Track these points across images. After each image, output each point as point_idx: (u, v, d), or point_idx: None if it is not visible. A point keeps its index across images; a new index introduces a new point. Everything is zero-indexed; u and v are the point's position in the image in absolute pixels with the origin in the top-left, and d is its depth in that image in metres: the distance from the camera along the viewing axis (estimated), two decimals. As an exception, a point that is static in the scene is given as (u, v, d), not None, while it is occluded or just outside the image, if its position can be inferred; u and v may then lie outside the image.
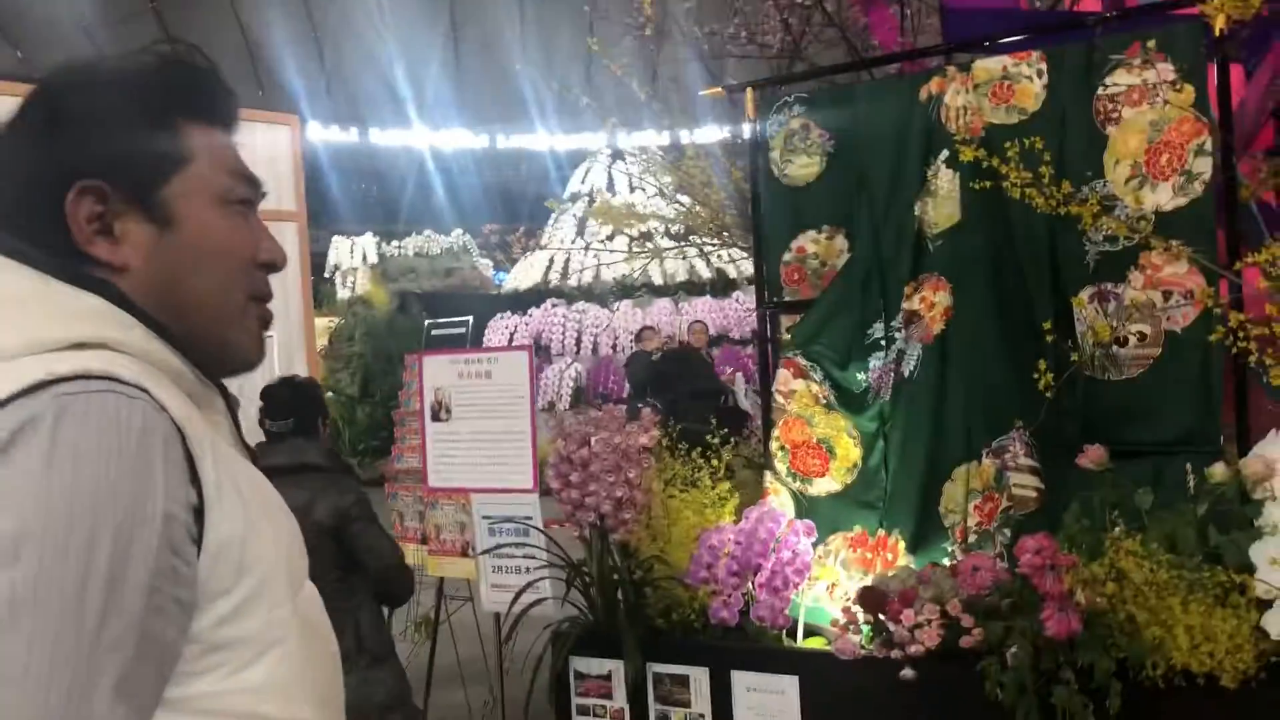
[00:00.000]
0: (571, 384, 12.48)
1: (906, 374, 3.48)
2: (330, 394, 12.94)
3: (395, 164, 28.94)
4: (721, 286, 13.85)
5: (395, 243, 19.88)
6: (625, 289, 14.10)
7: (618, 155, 15.08)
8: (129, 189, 1.02)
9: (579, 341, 13.17)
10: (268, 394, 3.61)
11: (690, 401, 8.71)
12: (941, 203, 3.44)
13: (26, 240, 0.99)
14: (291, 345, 8.52)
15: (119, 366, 0.93)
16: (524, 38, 24.58)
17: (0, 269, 0.98)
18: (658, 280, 14.04)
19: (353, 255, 19.28)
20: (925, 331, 3.44)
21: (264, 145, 8.23)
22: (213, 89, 1.12)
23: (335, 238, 20.11)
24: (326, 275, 18.96)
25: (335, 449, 4.09)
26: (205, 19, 23.05)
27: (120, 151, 1.03)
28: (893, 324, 3.54)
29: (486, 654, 4.60)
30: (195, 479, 0.94)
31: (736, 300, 13.12)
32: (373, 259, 19.09)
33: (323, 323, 14.68)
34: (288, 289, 8.45)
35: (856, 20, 4.75)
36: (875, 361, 3.56)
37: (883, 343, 3.55)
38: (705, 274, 13.92)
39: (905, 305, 3.50)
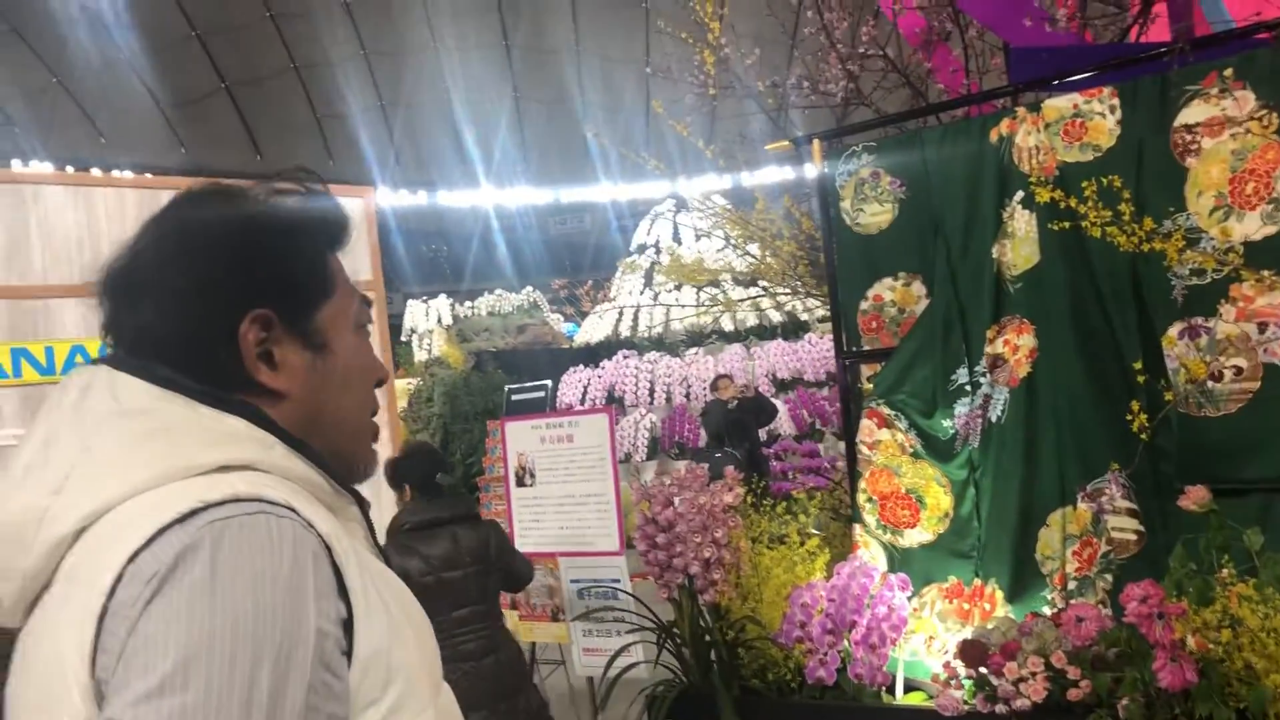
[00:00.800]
0: (647, 434, 12.45)
1: (994, 419, 3.43)
2: (411, 455, 13.10)
3: (463, 224, 29.44)
4: (793, 329, 13.77)
5: (469, 303, 20.16)
6: (696, 337, 14.09)
7: (682, 205, 15.20)
8: (290, 318, 1.07)
9: (652, 391, 13.16)
10: (398, 463, 3.95)
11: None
12: (1019, 244, 3.40)
13: (182, 369, 1.03)
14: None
15: (265, 487, 0.96)
16: (586, 95, 24.99)
17: (153, 398, 1.01)
18: (728, 326, 14.01)
19: (428, 317, 19.59)
20: (1010, 375, 3.39)
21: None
22: (343, 220, 1.17)
23: (410, 301, 20.46)
24: (403, 339, 19.28)
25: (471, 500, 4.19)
26: (275, 95, 23.84)
27: (287, 282, 1.08)
28: (977, 369, 3.49)
29: (581, 717, 4.58)
30: (343, 592, 0.96)
31: (809, 342, 13.03)
32: (447, 320, 19.37)
33: (401, 385, 14.91)
34: (367, 355, 8.59)
35: (919, 65, 4.74)
36: (961, 408, 3.51)
37: (968, 388, 3.50)
38: (776, 318, 13.86)
39: (988, 349, 3.45)
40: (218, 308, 1.04)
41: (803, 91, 5.09)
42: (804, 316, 13.49)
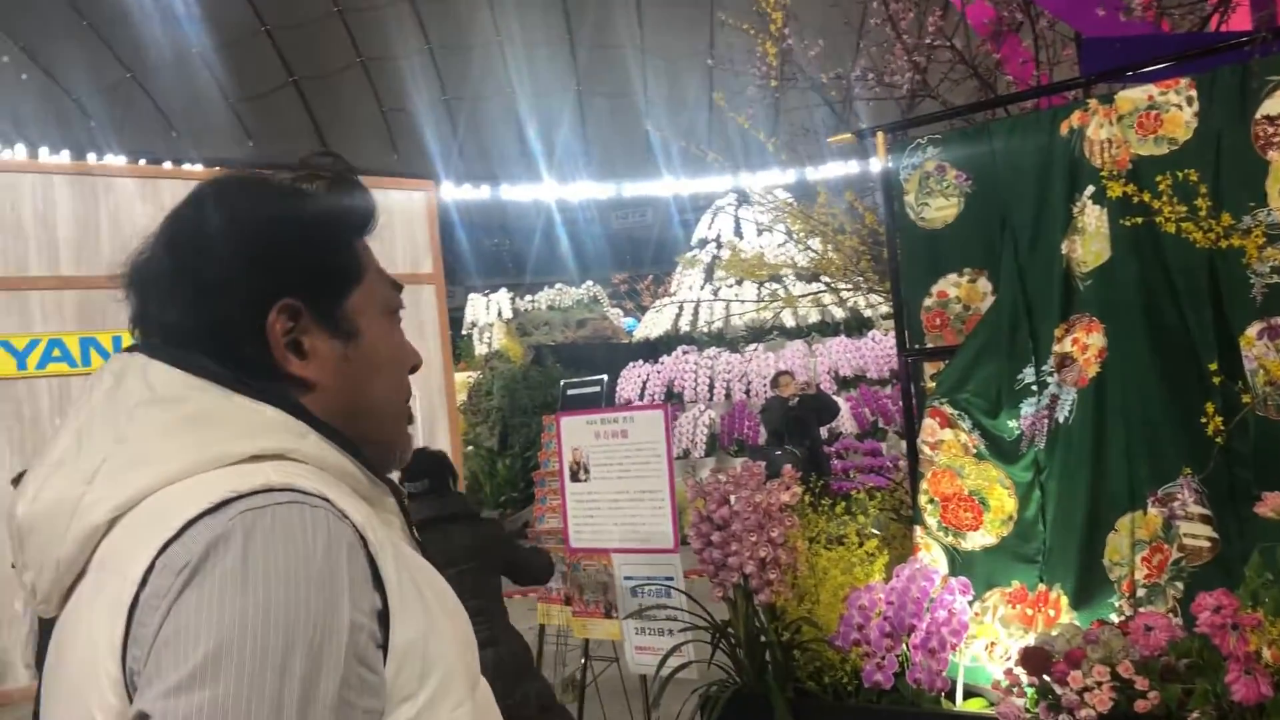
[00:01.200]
0: (705, 431, 12.40)
1: (1061, 420, 3.33)
2: (470, 448, 13.19)
3: (525, 218, 29.58)
4: (856, 326, 13.61)
5: (529, 297, 20.24)
6: (756, 332, 13.98)
7: (744, 199, 15.10)
8: (318, 307, 1.06)
9: (711, 387, 13.09)
10: (411, 469, 4.09)
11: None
12: (1090, 240, 3.29)
13: (215, 357, 1.02)
14: (433, 402, 8.72)
15: (298, 476, 0.94)
16: (649, 90, 24.97)
17: (187, 386, 1.00)
18: (790, 322, 13.89)
19: (488, 311, 19.71)
20: (1079, 375, 3.29)
21: (401, 210, 8.50)
22: (371, 205, 1.16)
23: (471, 295, 20.59)
24: (464, 332, 19.42)
25: (467, 500, 4.28)
26: (342, 89, 24.14)
27: (313, 271, 1.07)
28: (1044, 368, 3.39)
29: (634, 715, 4.55)
30: (379, 583, 0.94)
31: (872, 339, 12.86)
32: (507, 314, 19.47)
33: (461, 378, 15.01)
34: (428, 347, 8.67)
35: (987, 57, 4.62)
36: (1027, 408, 3.41)
37: (1034, 388, 3.40)
38: (839, 314, 13.71)
39: (1056, 348, 3.35)
40: (243, 299, 1.03)
41: (867, 84, 4.99)
42: (867, 313, 13.32)
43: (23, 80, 20.13)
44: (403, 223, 8.50)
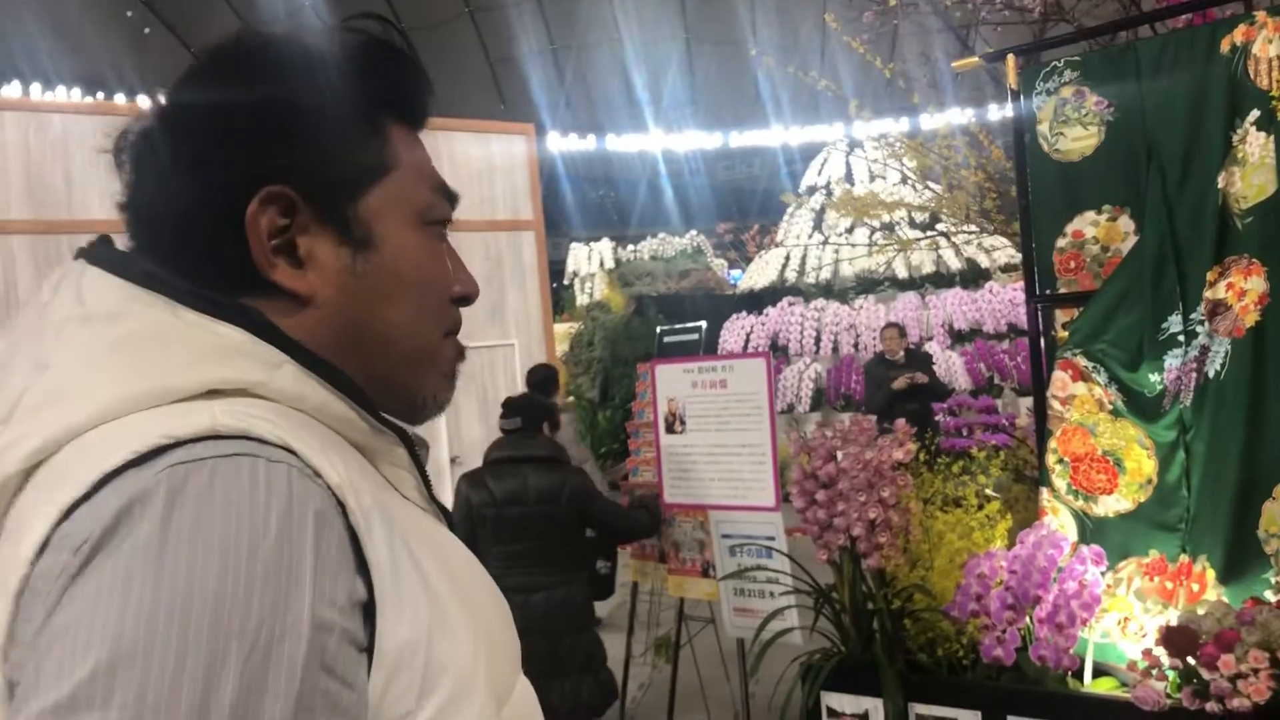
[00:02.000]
0: (811, 385, 12.06)
1: (1211, 374, 2.98)
2: (571, 398, 13.11)
3: (630, 168, 29.40)
4: (972, 277, 13.01)
5: (631, 247, 20.01)
6: (867, 284, 13.51)
7: (855, 145, 14.58)
8: (322, 200, 0.82)
9: (818, 340, 12.70)
10: (506, 402, 4.12)
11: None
12: (1252, 172, 2.91)
13: (175, 262, 0.79)
14: (532, 352, 8.62)
15: (259, 420, 0.71)
16: (758, 32, 24.40)
17: (124, 299, 0.77)
18: (902, 273, 13.38)
19: (590, 261, 19.56)
20: (1235, 324, 2.93)
21: (501, 155, 8.36)
22: (419, 84, 0.92)
23: (573, 244, 20.47)
24: (566, 282, 19.33)
25: (561, 445, 4.19)
26: (450, 39, 24.17)
27: (316, 153, 0.82)
28: (1193, 316, 3.03)
29: (730, 678, 4.35)
30: (362, 565, 0.71)
31: (990, 291, 12.28)
32: (609, 264, 19.29)
33: (564, 328, 14.93)
34: (528, 296, 8.56)
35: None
36: (1172, 360, 3.06)
37: (1181, 338, 3.05)
38: (954, 264, 13.14)
39: (1208, 294, 2.99)
40: (218, 180, 0.79)
41: (994, 7, 4.57)
42: (984, 264, 12.73)
43: (145, 34, 20.62)
44: (503, 168, 8.35)
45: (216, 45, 0.85)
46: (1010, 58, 3.35)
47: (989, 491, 3.23)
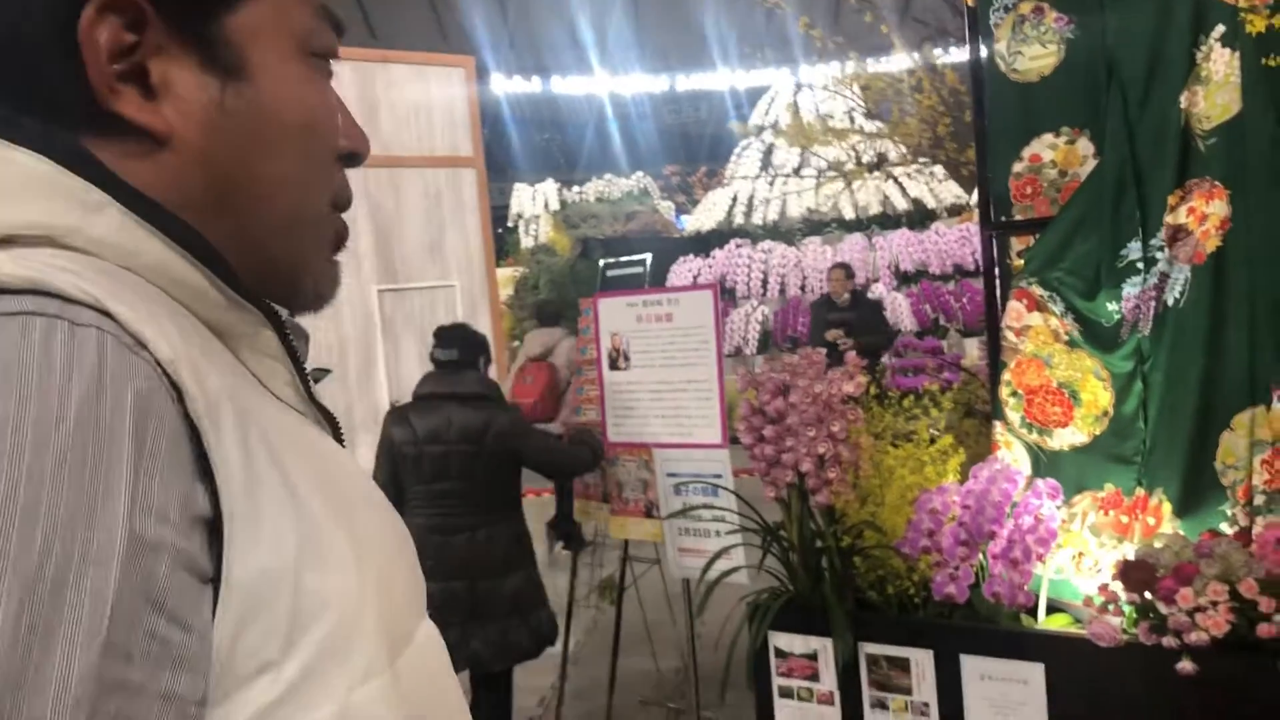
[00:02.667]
0: (758, 327, 11.99)
1: (1171, 302, 2.88)
2: (516, 343, 12.93)
3: (576, 111, 29.07)
4: (919, 218, 12.96)
5: (576, 188, 19.72)
6: (813, 225, 13.41)
7: (802, 86, 14.42)
8: (181, 12, 0.64)
9: (765, 283, 12.61)
10: (439, 330, 3.99)
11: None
12: (1215, 90, 2.80)
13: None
14: (475, 295, 8.41)
15: (60, 272, 0.53)
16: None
17: None
18: (849, 214, 13.29)
19: (534, 203, 19.25)
20: (1195, 250, 2.83)
21: (440, 90, 8.07)
22: None
23: (516, 185, 20.14)
24: (510, 225, 19.02)
25: (495, 383, 4.04)
26: (389, -25, 23.50)
27: None
28: (1152, 242, 2.93)
29: (676, 619, 4.26)
30: (206, 470, 0.54)
31: (936, 232, 12.23)
32: (554, 205, 19.00)
33: (508, 273, 14.70)
34: (469, 237, 8.32)
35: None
36: (1131, 288, 2.96)
37: (1140, 265, 2.95)
38: (901, 205, 13.07)
39: (1169, 219, 2.89)
40: None
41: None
42: (931, 204, 12.68)
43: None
44: (441, 102, 8.06)
45: None
46: (967, -28, 3.19)
47: (939, 427, 3.12)
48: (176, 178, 0.64)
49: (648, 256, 4.75)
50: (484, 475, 3.74)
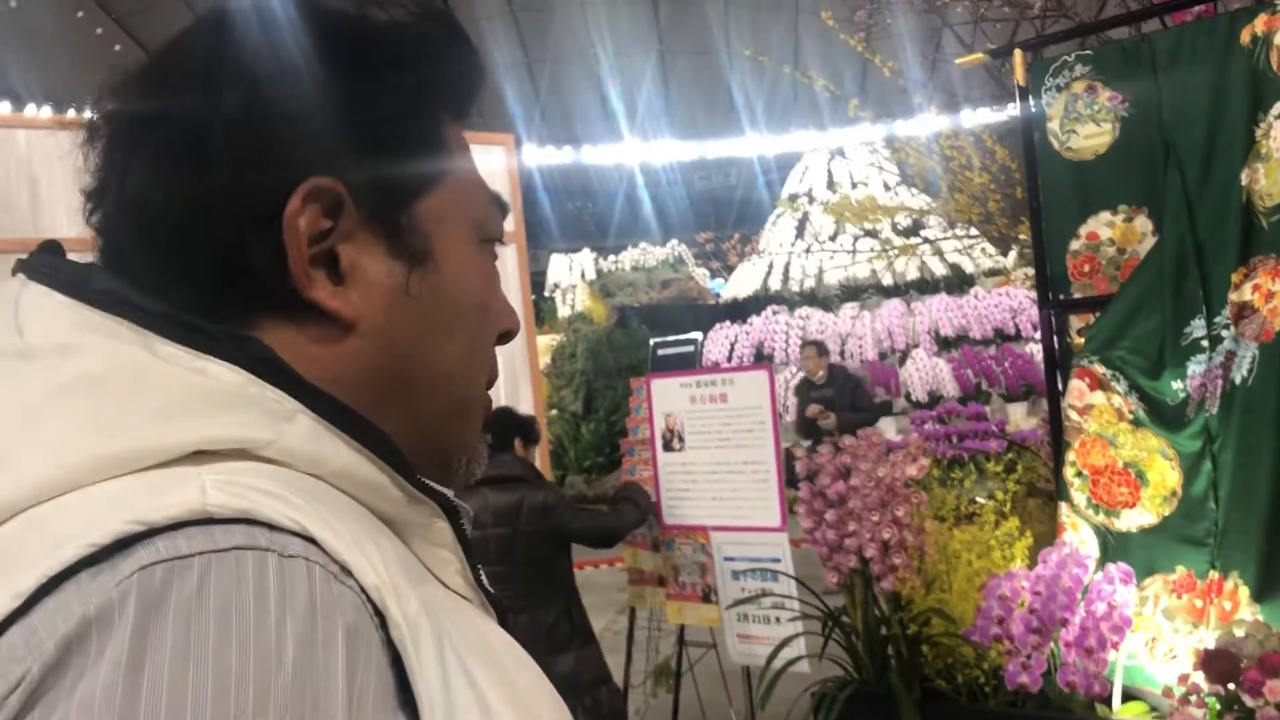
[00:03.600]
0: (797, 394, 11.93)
1: (1238, 380, 2.84)
2: (554, 412, 12.92)
3: (607, 180, 29.36)
4: (957, 283, 12.92)
5: (612, 257, 19.87)
6: (851, 291, 13.40)
7: (837, 152, 14.50)
8: (374, 200, 0.64)
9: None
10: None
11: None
12: (1276, 168, 2.78)
13: (157, 281, 0.60)
14: (515, 365, 8.42)
15: (264, 495, 0.52)
16: (731, 43, 24.39)
17: (77, 327, 0.57)
18: (886, 280, 13.27)
19: (571, 272, 19.40)
20: (1262, 327, 2.79)
21: (481, 166, 8.16)
22: (477, 72, 0.73)
23: (553, 255, 20.33)
24: (547, 294, 19.16)
25: (530, 462, 3.97)
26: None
27: (371, 141, 0.64)
28: (1217, 320, 2.89)
29: (734, 708, 4.17)
30: (409, 699, 0.52)
31: (975, 297, 12.19)
32: (590, 275, 19.13)
33: (545, 341, 14.75)
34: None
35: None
36: (1196, 366, 2.92)
37: (1204, 343, 2.91)
38: (939, 270, 13.04)
39: (1233, 296, 2.85)
40: (248, 164, 0.60)
41: (992, 4, 4.41)
42: (969, 269, 12.65)
43: (116, 51, 20.37)
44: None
45: (254, 3, 0.66)
46: (1018, 53, 3.21)
47: (1006, 504, 3.07)
48: (358, 361, 0.64)
49: (698, 335, 4.74)
50: (525, 556, 3.70)
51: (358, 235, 0.63)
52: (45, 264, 0.61)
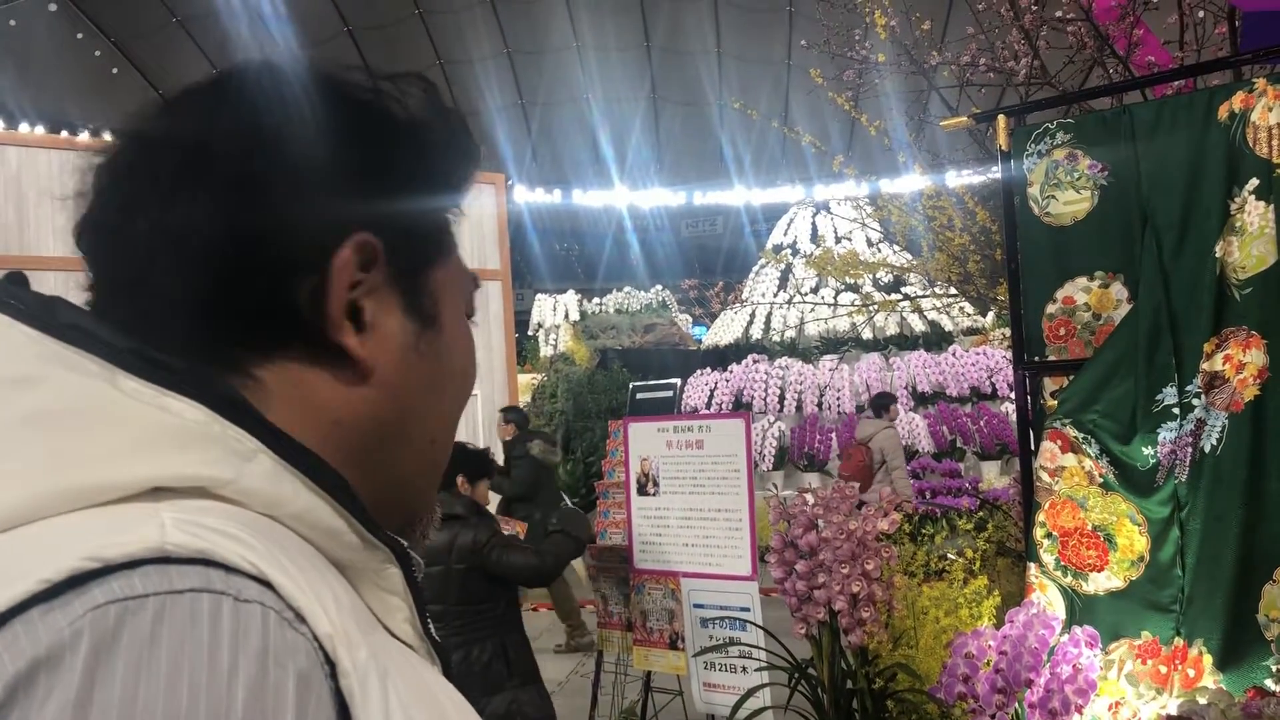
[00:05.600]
0: (775, 443, 11.94)
1: (1208, 449, 2.88)
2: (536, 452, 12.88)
3: (596, 223, 29.52)
4: (936, 340, 13.03)
5: (596, 300, 19.94)
6: (831, 344, 13.48)
7: (821, 206, 14.64)
8: (402, 261, 0.68)
9: (782, 399, 12.62)
10: None
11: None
12: (1250, 241, 2.84)
13: (162, 315, 0.61)
14: (496, 403, 8.43)
15: (221, 535, 0.52)
16: (722, 95, 24.67)
17: (41, 358, 0.57)
18: (866, 334, 13.36)
19: (555, 312, 19.45)
20: (1232, 398, 2.83)
21: (470, 205, 8.23)
22: (475, 158, 0.79)
23: (538, 296, 20.38)
24: (530, 333, 19.18)
25: (472, 499, 3.93)
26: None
27: (405, 208, 0.69)
28: (1189, 388, 2.93)
29: (698, 756, 4.14)
30: None
31: (953, 354, 12.29)
32: (574, 316, 19.18)
33: (526, 379, 14.74)
34: (492, 346, 8.40)
35: (1119, 39, 4.11)
36: (1166, 433, 2.96)
37: (1176, 411, 2.95)
38: (918, 326, 13.14)
39: (1205, 366, 2.90)
40: (309, 207, 0.63)
41: (979, 69, 4.49)
42: (948, 326, 12.75)
43: (113, 74, 20.42)
44: (472, 217, 8.22)
45: (264, 65, 0.70)
46: (1001, 118, 3.27)
47: (975, 562, 3.08)
48: (366, 409, 0.66)
49: (678, 382, 4.76)
50: (457, 595, 3.66)
51: (381, 291, 0.66)
52: (10, 295, 0.61)
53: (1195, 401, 2.92)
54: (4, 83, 16.86)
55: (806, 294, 13.52)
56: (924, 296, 7.30)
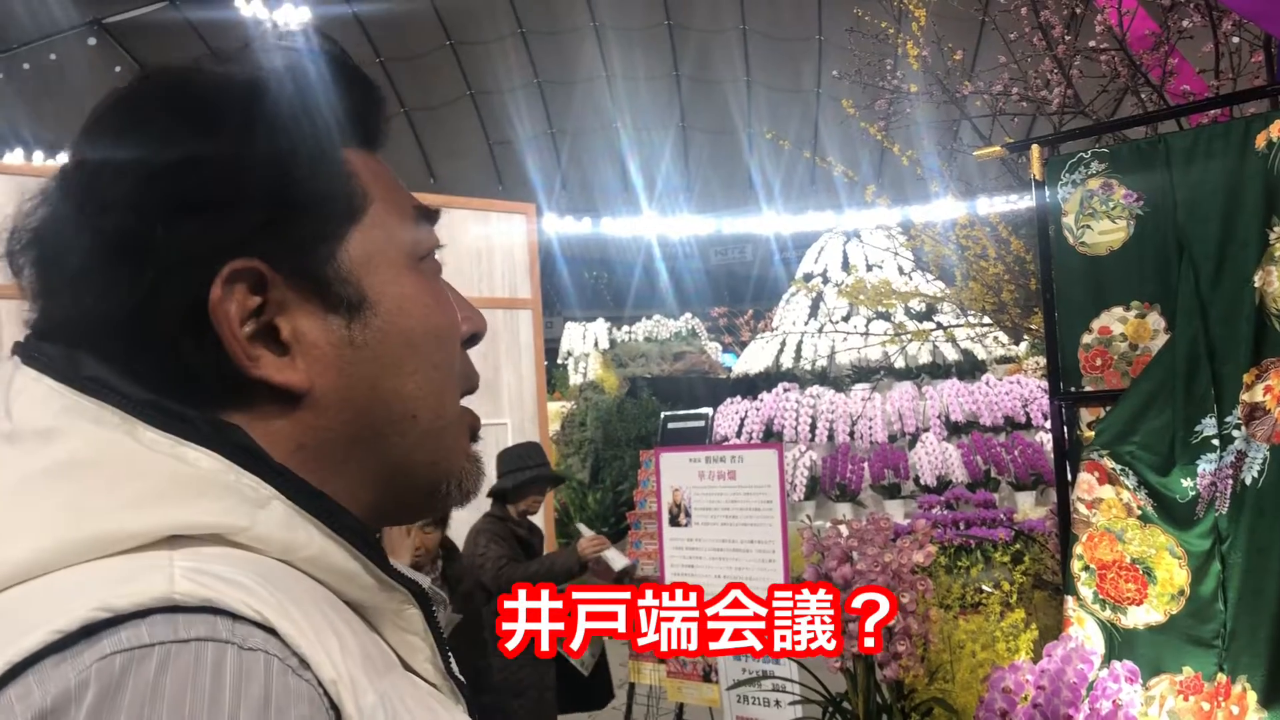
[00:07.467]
0: (806, 473, 11.87)
1: (1249, 481, 2.83)
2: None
3: (625, 251, 29.61)
4: (968, 368, 12.94)
5: (626, 328, 19.99)
6: (862, 373, 13.42)
7: (852, 234, 14.62)
8: (295, 265, 0.64)
9: (813, 428, 12.55)
10: None
11: None
12: (1290, 271, 2.80)
13: (125, 369, 0.61)
14: (525, 433, 8.44)
15: (229, 584, 0.53)
16: (751, 123, 24.77)
17: (63, 412, 0.58)
18: (899, 363, 13.30)
19: (585, 341, 19.51)
20: (1273, 429, 2.79)
21: (501, 235, 8.28)
22: (370, 96, 0.73)
23: (568, 324, 20.46)
24: (560, 361, 19.24)
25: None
26: (450, 120, 24.44)
27: (277, 209, 0.63)
28: (1228, 419, 2.89)
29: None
30: None
31: (987, 383, 12.19)
32: (604, 344, 19.23)
33: (555, 408, 14.77)
34: (523, 375, 8.41)
35: (1154, 67, 4.10)
36: (1206, 465, 2.92)
37: (1215, 442, 2.91)
38: (951, 355, 13.06)
39: (1244, 396, 2.86)
40: (165, 265, 0.60)
41: (1012, 98, 4.50)
42: (981, 355, 12.66)
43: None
44: (502, 246, 8.27)
45: (126, 91, 0.66)
46: (1035, 148, 3.26)
47: (1012, 595, 3.04)
48: (318, 424, 0.65)
49: (709, 411, 4.73)
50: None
51: (289, 302, 0.64)
52: (38, 349, 0.62)
53: (1235, 433, 2.88)
54: (45, 115, 17.18)
55: (838, 322, 13.49)
56: (957, 325, 7.26)
